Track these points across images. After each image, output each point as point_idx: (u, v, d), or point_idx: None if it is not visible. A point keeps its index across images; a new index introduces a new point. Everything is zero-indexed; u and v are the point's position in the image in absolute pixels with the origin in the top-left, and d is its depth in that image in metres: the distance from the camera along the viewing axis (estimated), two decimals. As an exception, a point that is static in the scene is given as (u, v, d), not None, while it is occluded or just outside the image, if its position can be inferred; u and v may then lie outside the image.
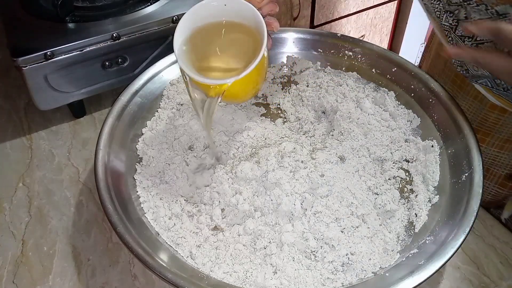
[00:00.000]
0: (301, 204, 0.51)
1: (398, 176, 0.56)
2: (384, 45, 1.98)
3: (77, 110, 0.73)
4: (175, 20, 0.69)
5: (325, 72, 0.68)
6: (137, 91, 0.60)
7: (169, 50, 0.67)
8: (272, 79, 0.68)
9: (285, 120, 0.63)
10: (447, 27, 0.53)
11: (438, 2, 0.52)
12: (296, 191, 0.52)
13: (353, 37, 0.69)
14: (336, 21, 1.73)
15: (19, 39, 0.65)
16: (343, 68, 0.68)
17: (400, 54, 1.15)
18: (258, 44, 0.46)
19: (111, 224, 0.46)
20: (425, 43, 0.82)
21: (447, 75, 0.65)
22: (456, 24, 0.53)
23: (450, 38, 0.55)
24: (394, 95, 0.64)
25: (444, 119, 0.58)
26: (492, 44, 0.52)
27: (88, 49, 0.65)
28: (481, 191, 0.49)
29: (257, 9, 0.46)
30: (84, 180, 0.64)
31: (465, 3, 0.49)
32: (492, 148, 0.63)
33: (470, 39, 0.52)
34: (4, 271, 0.54)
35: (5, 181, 0.64)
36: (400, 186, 0.55)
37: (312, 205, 0.51)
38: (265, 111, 0.64)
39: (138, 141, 0.58)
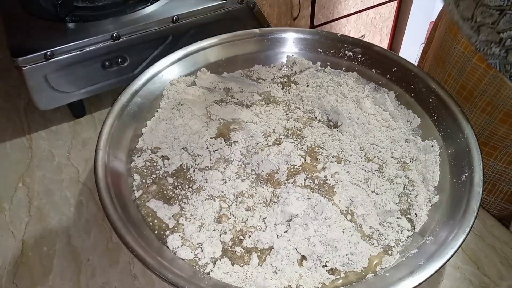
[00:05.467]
0: (302, 205, 0.51)
1: (398, 177, 0.56)
2: (384, 45, 1.99)
3: (77, 110, 0.73)
4: (175, 20, 0.69)
5: (325, 72, 0.68)
6: (137, 91, 0.60)
7: (169, 50, 0.67)
8: (272, 79, 0.68)
9: (285, 119, 0.63)
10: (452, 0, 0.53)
11: None
12: (296, 192, 0.52)
13: (353, 37, 0.69)
14: (336, 21, 1.74)
15: (19, 39, 0.65)
16: (343, 68, 0.68)
17: (400, 54, 1.15)
18: None
19: (111, 224, 0.46)
20: (425, 42, 0.82)
21: (451, 85, 0.63)
22: (458, 3, 0.52)
23: (453, 13, 0.54)
24: (394, 95, 0.64)
25: (444, 119, 0.58)
26: (491, 30, 0.51)
27: (88, 49, 0.65)
28: (481, 191, 0.49)
29: None
30: (84, 180, 0.64)
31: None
32: (500, 163, 0.61)
33: (470, 20, 0.52)
34: (4, 271, 0.54)
35: (5, 181, 0.64)
36: (400, 186, 0.55)
37: (312, 206, 0.51)
38: (265, 111, 0.64)
39: (138, 141, 0.58)
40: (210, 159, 0.56)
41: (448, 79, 0.63)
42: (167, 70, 0.64)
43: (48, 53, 0.62)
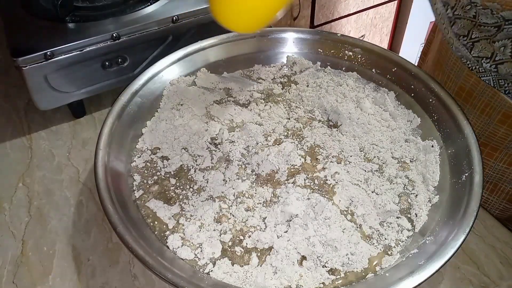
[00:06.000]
0: (302, 205, 0.51)
1: (398, 177, 0.56)
2: (384, 45, 1.99)
3: (77, 110, 0.73)
4: (175, 20, 0.69)
5: (325, 72, 0.68)
6: (137, 91, 0.60)
7: (169, 50, 0.67)
8: (272, 79, 0.68)
9: (285, 119, 0.63)
10: (446, 19, 0.53)
11: None
12: (296, 192, 0.52)
13: (353, 37, 0.69)
14: (336, 21, 1.74)
15: (19, 39, 0.65)
16: (343, 68, 0.68)
17: (400, 54, 1.15)
18: None
19: (111, 224, 0.46)
20: (424, 42, 0.82)
21: (450, 87, 0.63)
22: (454, 21, 0.53)
23: (446, 31, 0.55)
24: (394, 95, 0.64)
25: (444, 119, 0.58)
26: (487, 42, 0.52)
27: (88, 49, 0.65)
28: (481, 191, 0.49)
29: None
30: (84, 180, 0.64)
31: (473, 4, 0.50)
32: (501, 163, 0.61)
33: (465, 37, 0.53)
34: (4, 271, 0.54)
35: (5, 181, 0.64)
36: (400, 186, 0.55)
37: (312, 206, 0.51)
38: (265, 111, 0.64)
39: (138, 141, 0.58)
40: (211, 159, 0.56)
41: (447, 81, 0.63)
42: (167, 70, 0.64)
43: (48, 53, 0.62)
